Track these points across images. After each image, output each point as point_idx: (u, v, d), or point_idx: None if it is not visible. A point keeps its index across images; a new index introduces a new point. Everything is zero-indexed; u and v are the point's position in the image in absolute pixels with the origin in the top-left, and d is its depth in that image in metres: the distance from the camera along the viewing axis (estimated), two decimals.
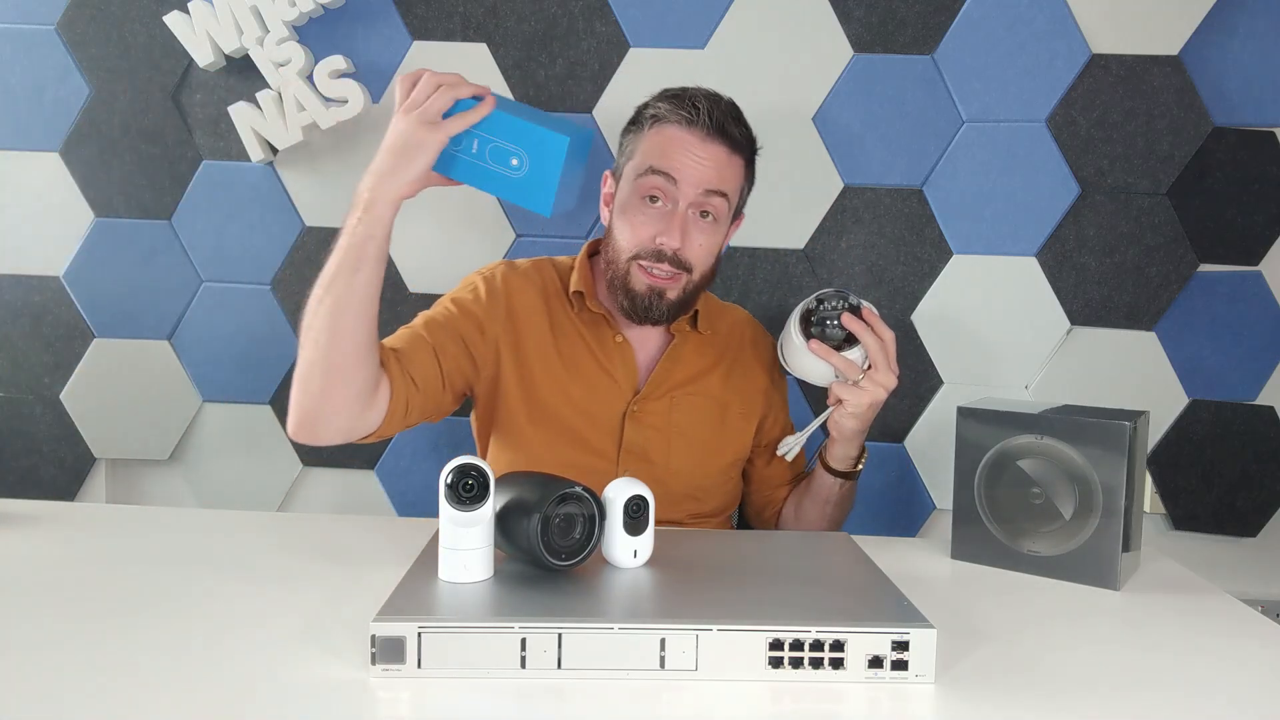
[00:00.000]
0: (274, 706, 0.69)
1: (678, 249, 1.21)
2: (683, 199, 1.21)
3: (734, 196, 1.27)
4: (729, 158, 1.24)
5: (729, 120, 1.24)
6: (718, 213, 1.24)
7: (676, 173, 1.21)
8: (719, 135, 1.22)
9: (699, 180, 1.21)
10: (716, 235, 1.26)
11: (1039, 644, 0.84)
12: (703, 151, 1.22)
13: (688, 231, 1.22)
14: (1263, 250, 1.64)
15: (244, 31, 1.62)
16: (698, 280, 1.26)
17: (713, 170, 1.22)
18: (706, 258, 1.26)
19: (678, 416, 1.30)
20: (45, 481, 1.75)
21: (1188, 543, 1.70)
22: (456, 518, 0.81)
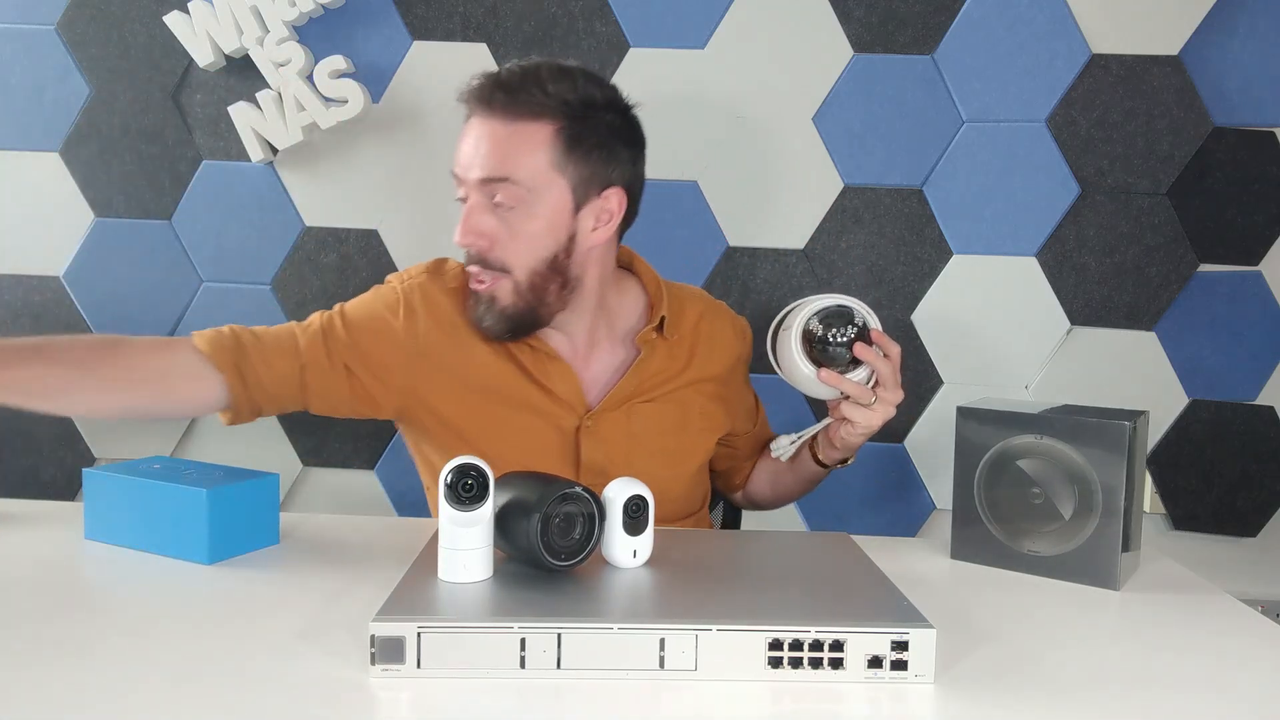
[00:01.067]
0: (274, 706, 0.69)
1: (471, 245, 1.09)
2: (468, 190, 1.09)
3: (535, 175, 1.07)
4: (516, 130, 1.06)
5: (514, 87, 1.07)
6: (510, 199, 1.07)
7: (458, 168, 1.10)
8: (496, 108, 1.07)
9: (471, 166, 1.08)
10: (529, 223, 1.08)
11: (1039, 644, 0.84)
12: (478, 132, 1.08)
13: (475, 225, 1.08)
14: (1263, 250, 1.64)
15: (244, 31, 1.62)
16: (527, 280, 1.09)
17: (487, 152, 1.07)
18: (526, 251, 1.08)
19: (636, 427, 1.19)
20: (45, 481, 1.75)
21: (1188, 543, 1.70)
22: (456, 518, 0.81)
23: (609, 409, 1.18)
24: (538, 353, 1.16)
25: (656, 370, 1.22)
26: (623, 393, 1.19)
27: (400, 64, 1.68)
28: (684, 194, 1.69)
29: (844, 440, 1.20)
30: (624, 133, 1.13)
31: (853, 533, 1.05)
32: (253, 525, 1.05)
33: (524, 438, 1.16)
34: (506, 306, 1.11)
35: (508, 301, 1.11)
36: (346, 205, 1.71)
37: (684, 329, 1.25)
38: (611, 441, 1.18)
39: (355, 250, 1.71)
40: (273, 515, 1.07)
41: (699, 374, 1.25)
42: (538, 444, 1.17)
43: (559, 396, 1.16)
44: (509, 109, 1.07)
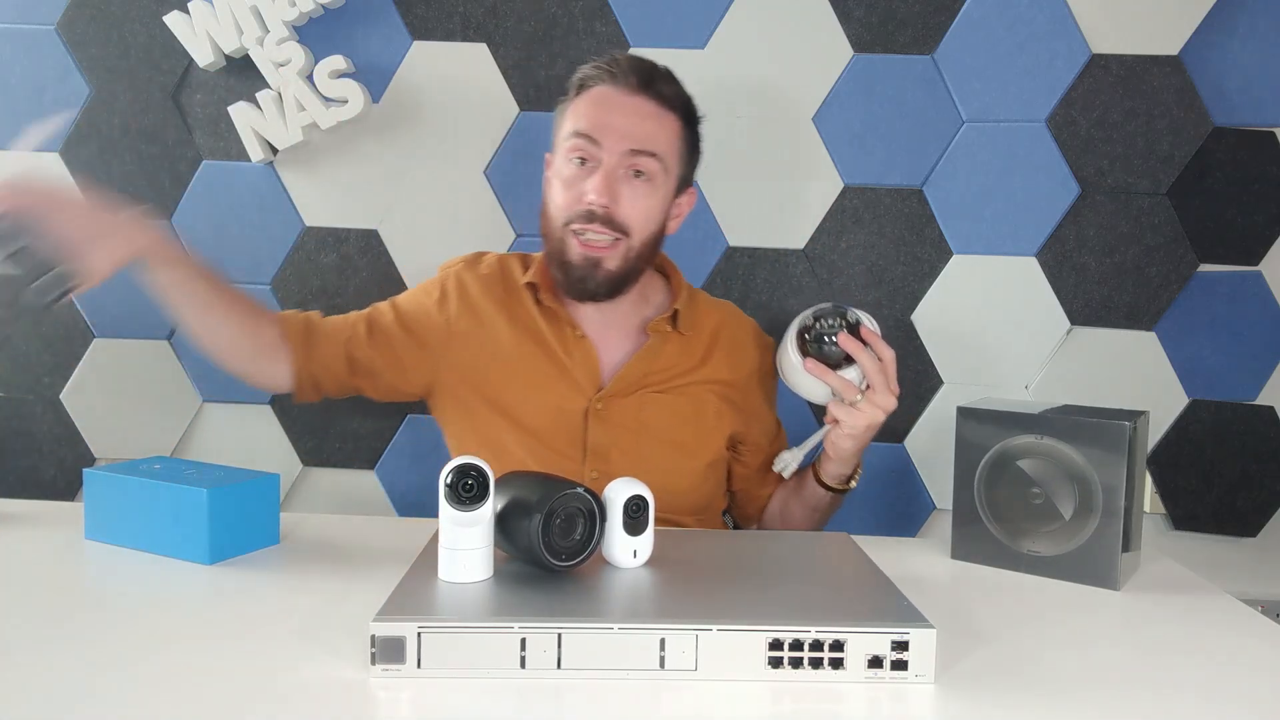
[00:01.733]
0: (274, 706, 0.69)
1: (607, 206, 1.15)
2: (609, 157, 1.16)
3: (670, 158, 1.20)
4: (658, 113, 1.19)
5: (658, 78, 1.20)
6: (650, 172, 1.18)
7: (599, 132, 1.16)
8: (644, 89, 1.18)
9: (624, 136, 1.16)
10: (653, 198, 1.19)
11: (1039, 644, 0.84)
12: (627, 106, 1.17)
13: (616, 189, 1.16)
14: (1263, 250, 1.64)
15: (244, 31, 1.62)
16: (639, 248, 1.19)
17: (640, 127, 1.17)
18: (645, 221, 1.19)
19: (648, 416, 1.24)
20: (45, 481, 1.75)
21: (1188, 543, 1.69)
22: (456, 518, 0.81)
23: (619, 394, 1.23)
24: (564, 330, 1.24)
25: (669, 364, 1.27)
26: (630, 376, 1.24)
27: (400, 64, 1.68)
28: None
29: (836, 447, 1.21)
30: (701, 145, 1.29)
31: (853, 533, 1.05)
32: (253, 525, 1.05)
33: (539, 411, 1.23)
34: (613, 270, 1.19)
35: (614, 266, 1.19)
36: (346, 205, 1.71)
37: (702, 329, 1.31)
38: (620, 427, 1.23)
39: (355, 250, 1.71)
40: (273, 515, 1.07)
41: (713, 374, 1.29)
42: (551, 419, 1.23)
43: (576, 373, 1.23)
44: (657, 94, 1.19)
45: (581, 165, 1.18)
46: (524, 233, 1.69)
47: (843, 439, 1.20)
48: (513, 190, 1.69)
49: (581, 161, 1.18)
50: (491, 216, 1.70)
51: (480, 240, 1.70)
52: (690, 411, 1.27)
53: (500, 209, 1.69)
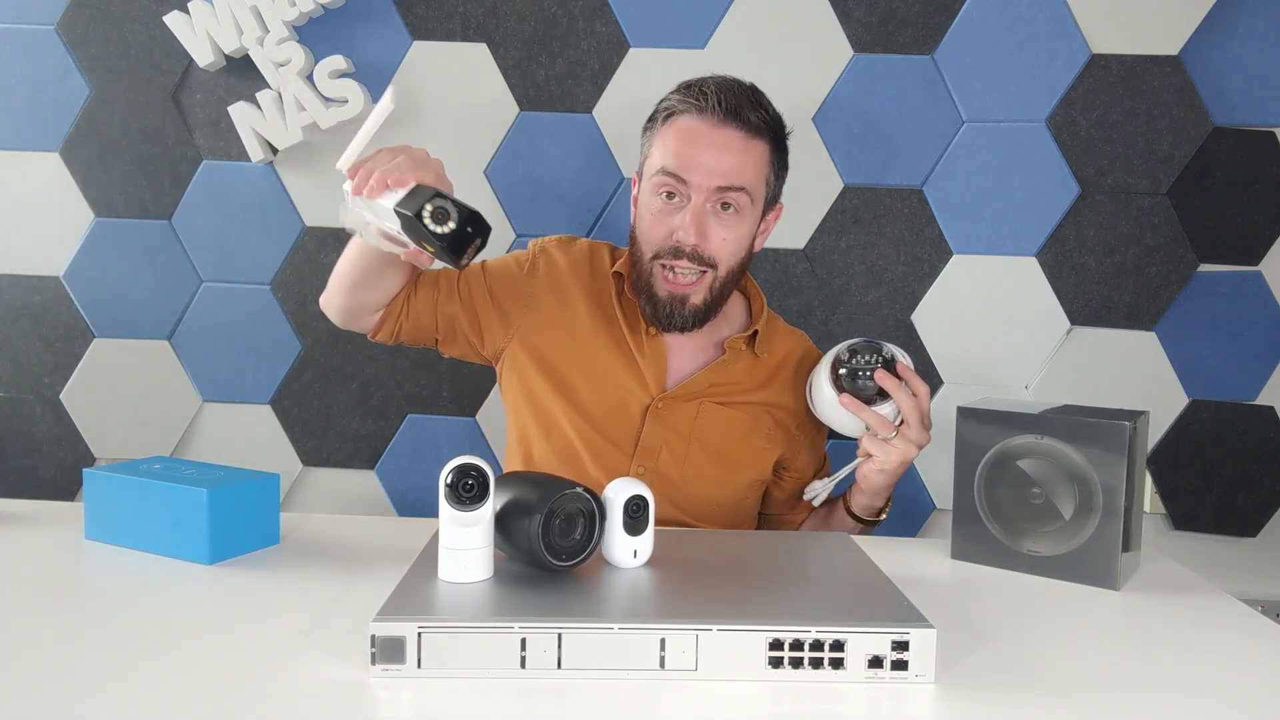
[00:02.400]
0: (274, 706, 0.69)
1: (695, 245, 1.18)
2: (696, 194, 1.17)
3: (757, 188, 1.21)
4: (745, 143, 1.18)
5: (744, 104, 1.19)
6: (738, 205, 1.19)
7: (686, 171, 1.17)
8: (732, 119, 1.18)
9: (712, 174, 1.17)
10: (741, 228, 1.21)
11: (1039, 644, 0.84)
12: (715, 140, 1.17)
13: (705, 226, 1.18)
14: (1263, 250, 1.64)
15: (244, 31, 1.62)
16: (725, 277, 1.22)
17: (726, 161, 1.17)
18: (733, 253, 1.21)
19: (702, 424, 1.26)
20: (45, 481, 1.75)
21: (1188, 543, 1.69)
22: (456, 518, 0.81)
23: (681, 398, 1.26)
24: (640, 326, 1.27)
25: (735, 380, 1.29)
26: (696, 385, 1.26)
27: (400, 64, 1.68)
28: None
29: (867, 480, 1.21)
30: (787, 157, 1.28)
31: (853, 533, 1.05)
32: (253, 525, 1.05)
33: (601, 399, 1.26)
34: (698, 304, 1.22)
35: (700, 299, 1.22)
36: None
37: (775, 353, 1.32)
38: (673, 429, 1.25)
39: None
40: (273, 515, 1.07)
41: (774, 398, 1.31)
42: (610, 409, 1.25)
43: (645, 370, 1.25)
44: (746, 125, 1.18)
45: (669, 199, 1.19)
46: (524, 233, 1.69)
47: (875, 474, 1.20)
48: (513, 190, 1.69)
49: (669, 196, 1.19)
50: (492, 217, 1.69)
51: None
52: (743, 429, 1.29)
53: (500, 209, 1.69)
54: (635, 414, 1.26)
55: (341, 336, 1.72)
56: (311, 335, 1.72)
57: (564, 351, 1.28)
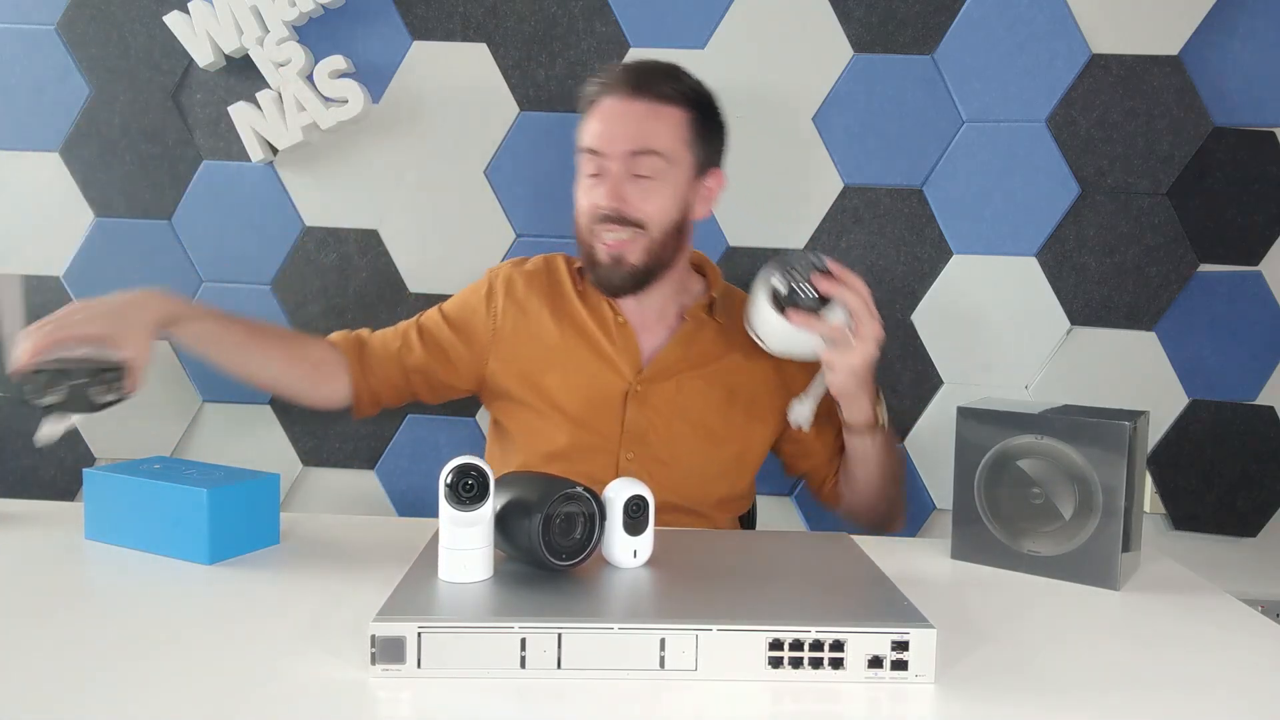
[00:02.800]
0: (274, 706, 0.69)
1: (616, 208, 1.22)
2: (612, 163, 1.23)
3: (675, 151, 1.24)
4: (656, 111, 1.23)
5: (655, 78, 1.24)
6: (654, 171, 1.23)
7: (600, 144, 1.23)
8: (642, 92, 1.23)
9: (621, 143, 1.22)
10: (663, 191, 1.24)
11: (1039, 644, 0.84)
12: (625, 112, 1.23)
13: (621, 191, 1.22)
14: (1263, 250, 1.64)
15: (244, 31, 1.62)
16: (660, 238, 1.24)
17: (636, 128, 1.22)
18: (660, 213, 1.24)
19: (684, 400, 1.28)
20: (45, 481, 1.75)
21: (1188, 543, 1.69)
22: (456, 518, 0.81)
23: (658, 378, 1.28)
24: (607, 316, 1.30)
25: (706, 350, 1.31)
26: (668, 360, 1.29)
27: (400, 64, 1.68)
28: None
29: (840, 390, 1.21)
30: (724, 125, 1.32)
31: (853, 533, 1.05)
32: (253, 525, 1.05)
33: (580, 396, 1.28)
34: (636, 264, 1.25)
35: (636, 259, 1.24)
36: (346, 205, 1.71)
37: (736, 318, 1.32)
38: (656, 410, 1.28)
39: (355, 250, 1.71)
40: (273, 515, 1.07)
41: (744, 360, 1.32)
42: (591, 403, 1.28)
43: (618, 358, 1.29)
44: (649, 93, 1.23)
45: (593, 176, 1.25)
46: (524, 233, 1.69)
47: (845, 381, 1.20)
48: (513, 190, 1.69)
49: (593, 173, 1.25)
50: (491, 216, 1.70)
51: (480, 240, 1.70)
52: (722, 399, 1.30)
53: (500, 209, 1.69)
54: (616, 402, 1.28)
55: None
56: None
57: (536, 362, 1.31)
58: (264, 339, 1.28)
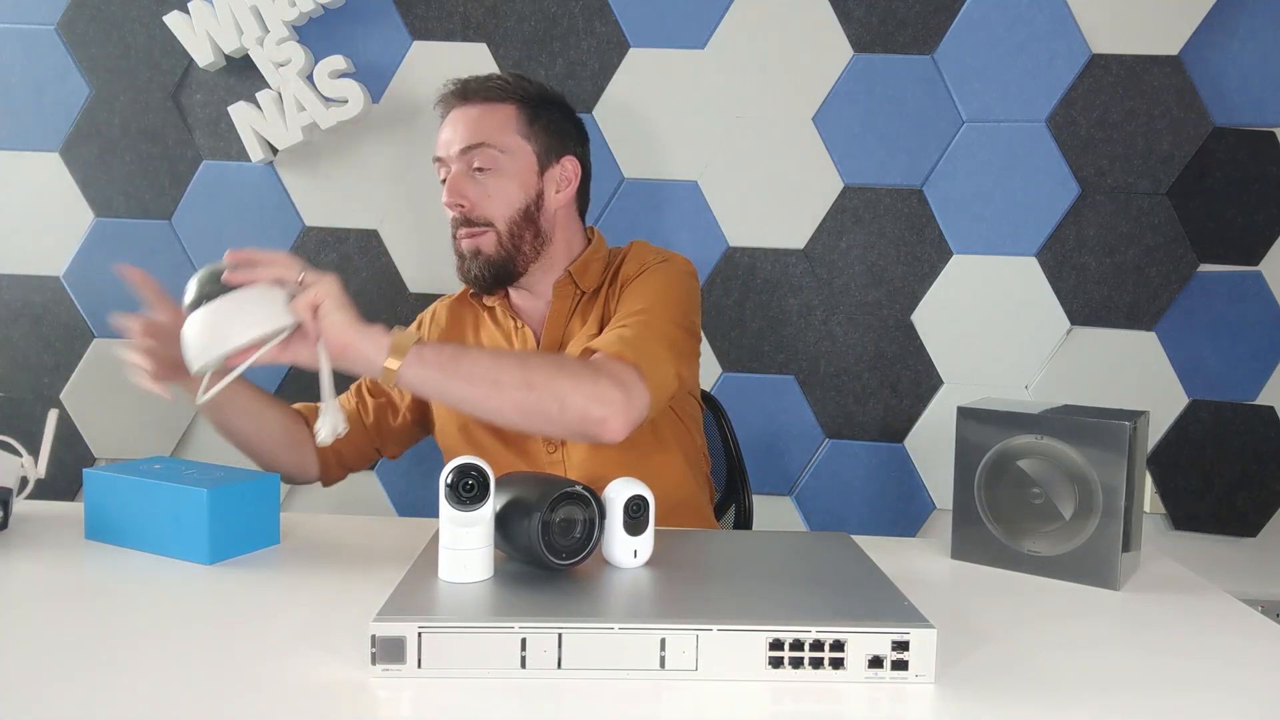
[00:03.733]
0: (274, 706, 0.69)
1: (460, 205, 1.24)
2: (451, 164, 1.26)
3: (505, 140, 1.25)
4: (482, 109, 1.27)
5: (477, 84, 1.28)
6: (489, 162, 1.25)
7: (439, 149, 1.27)
8: (463, 99, 1.28)
9: (454, 142, 1.26)
10: (502, 181, 1.25)
11: (1039, 644, 0.84)
12: (455, 118, 1.28)
13: (460, 188, 1.24)
14: (1263, 250, 1.64)
15: (244, 31, 1.62)
16: (508, 230, 1.25)
17: (463, 128, 1.26)
18: (502, 204, 1.25)
19: None
20: (45, 481, 1.74)
21: (1188, 543, 1.70)
22: (456, 518, 0.81)
23: None
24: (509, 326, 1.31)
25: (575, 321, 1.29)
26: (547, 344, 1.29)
27: (400, 64, 1.68)
28: (684, 194, 1.69)
29: (337, 354, 1.01)
30: (571, 118, 1.33)
31: (853, 533, 1.05)
32: (253, 525, 1.05)
33: None
34: (491, 256, 1.25)
35: (491, 252, 1.25)
36: (346, 205, 1.71)
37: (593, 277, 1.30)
38: None
39: (355, 250, 1.71)
40: (273, 515, 1.07)
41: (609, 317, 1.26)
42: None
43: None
44: (477, 95, 1.28)
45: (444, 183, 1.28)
46: None
47: (335, 337, 0.99)
48: None
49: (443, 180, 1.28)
50: None
51: None
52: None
53: None
54: None
55: None
56: None
57: None
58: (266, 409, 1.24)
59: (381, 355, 0.99)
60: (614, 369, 1.08)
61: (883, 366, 1.70)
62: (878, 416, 1.70)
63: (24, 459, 1.14)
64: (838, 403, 1.70)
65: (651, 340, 1.14)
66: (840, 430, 1.71)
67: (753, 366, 1.71)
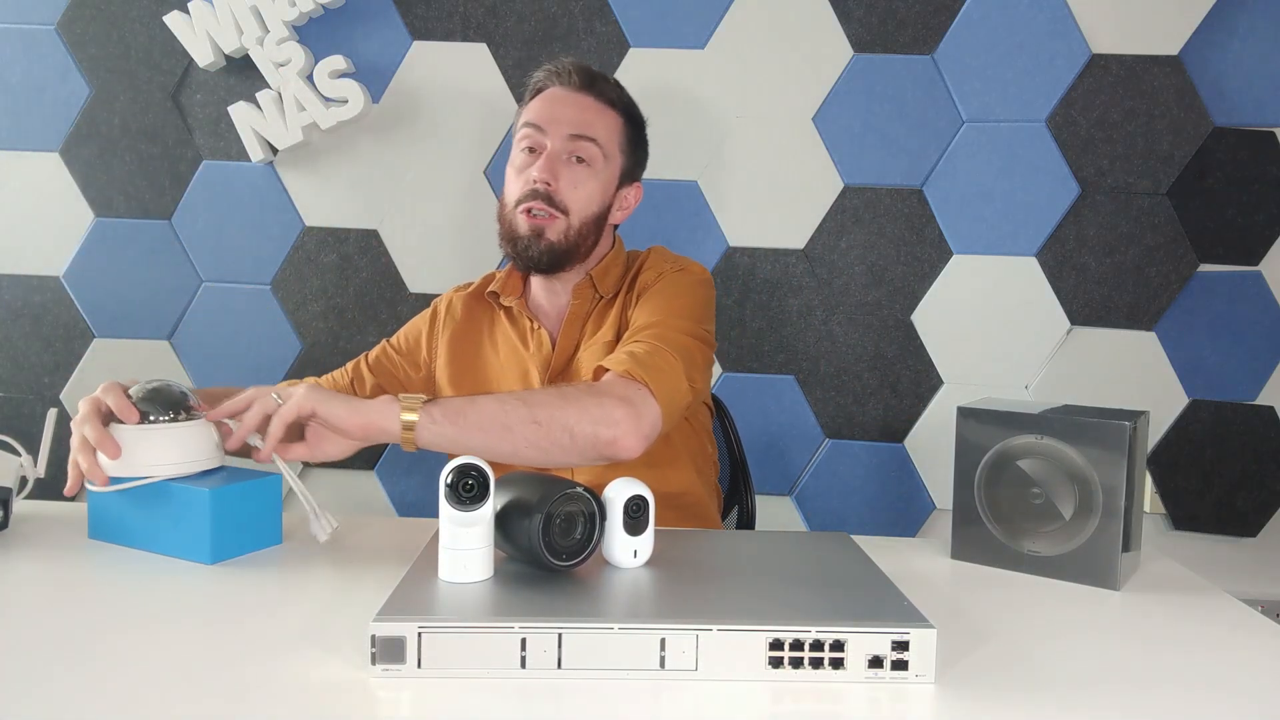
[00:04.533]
0: (274, 706, 0.69)
1: (549, 183, 1.24)
2: (553, 141, 1.26)
3: (610, 147, 1.29)
4: (599, 108, 1.29)
5: (600, 80, 1.30)
6: (590, 158, 1.26)
7: (545, 121, 1.26)
8: (588, 89, 1.29)
9: (565, 123, 1.26)
10: (593, 181, 1.27)
11: (1039, 644, 0.84)
12: (571, 101, 1.28)
13: (557, 169, 1.25)
14: (1263, 250, 1.64)
15: (244, 31, 1.62)
16: (578, 226, 1.26)
17: (580, 116, 1.27)
18: (584, 203, 1.27)
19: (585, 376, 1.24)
20: (45, 482, 1.75)
21: (1188, 543, 1.70)
22: (456, 518, 0.81)
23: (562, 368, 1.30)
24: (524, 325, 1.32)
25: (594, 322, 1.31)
26: (565, 345, 1.30)
27: (400, 64, 1.68)
28: (684, 194, 1.69)
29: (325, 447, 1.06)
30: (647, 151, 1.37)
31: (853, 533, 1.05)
32: (255, 525, 1.05)
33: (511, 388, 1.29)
34: (555, 242, 1.26)
35: (556, 239, 1.26)
36: (346, 205, 1.71)
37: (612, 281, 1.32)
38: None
39: (355, 250, 1.71)
40: (275, 515, 1.07)
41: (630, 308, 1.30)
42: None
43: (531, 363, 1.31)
44: (601, 95, 1.29)
45: (530, 153, 1.28)
46: None
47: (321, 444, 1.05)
48: None
49: (530, 150, 1.28)
50: (491, 216, 1.69)
51: (480, 240, 1.70)
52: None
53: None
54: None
55: (341, 336, 1.72)
56: (311, 335, 1.72)
57: (466, 376, 1.34)
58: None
59: (397, 422, 1.02)
60: (619, 388, 1.09)
61: (883, 366, 1.70)
62: (878, 416, 1.70)
63: (24, 459, 1.15)
64: (838, 403, 1.71)
65: (663, 353, 1.15)
66: (840, 430, 1.71)
67: (753, 366, 1.72)
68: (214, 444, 1.08)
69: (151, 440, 1.04)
